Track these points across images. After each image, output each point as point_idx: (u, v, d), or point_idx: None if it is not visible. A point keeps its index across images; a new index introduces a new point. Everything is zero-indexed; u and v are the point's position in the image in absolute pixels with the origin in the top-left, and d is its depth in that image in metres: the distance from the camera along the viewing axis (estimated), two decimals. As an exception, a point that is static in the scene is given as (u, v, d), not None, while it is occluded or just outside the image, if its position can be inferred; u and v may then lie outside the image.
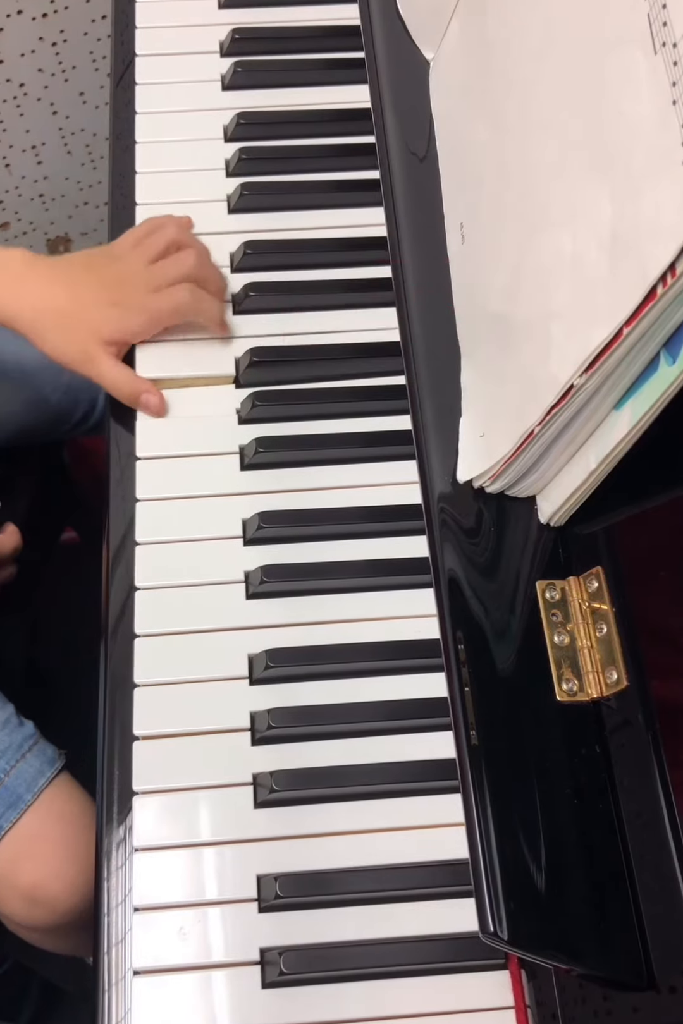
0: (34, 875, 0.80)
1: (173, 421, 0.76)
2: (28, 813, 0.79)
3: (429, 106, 0.80)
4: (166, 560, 0.72)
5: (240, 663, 0.69)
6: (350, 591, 0.71)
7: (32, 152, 1.50)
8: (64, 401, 0.95)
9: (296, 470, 0.75)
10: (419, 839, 0.64)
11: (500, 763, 0.60)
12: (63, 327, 0.75)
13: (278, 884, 0.62)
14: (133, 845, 0.64)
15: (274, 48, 0.90)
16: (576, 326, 0.57)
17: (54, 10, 1.33)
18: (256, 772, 0.66)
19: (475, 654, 0.63)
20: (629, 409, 0.57)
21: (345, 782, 0.66)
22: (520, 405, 0.62)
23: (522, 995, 0.61)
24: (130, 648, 0.69)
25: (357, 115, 0.86)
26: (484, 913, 0.57)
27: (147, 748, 0.67)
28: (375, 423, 0.76)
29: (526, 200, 0.64)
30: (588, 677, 0.61)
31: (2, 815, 0.78)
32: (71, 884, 0.79)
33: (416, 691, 0.68)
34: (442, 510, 0.68)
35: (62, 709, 0.94)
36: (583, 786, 0.60)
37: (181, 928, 0.62)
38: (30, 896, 0.80)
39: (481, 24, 0.73)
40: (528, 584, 0.64)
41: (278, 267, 0.81)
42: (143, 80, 0.89)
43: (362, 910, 0.63)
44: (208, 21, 0.92)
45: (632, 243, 0.53)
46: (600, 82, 0.58)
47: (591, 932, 0.57)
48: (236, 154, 0.85)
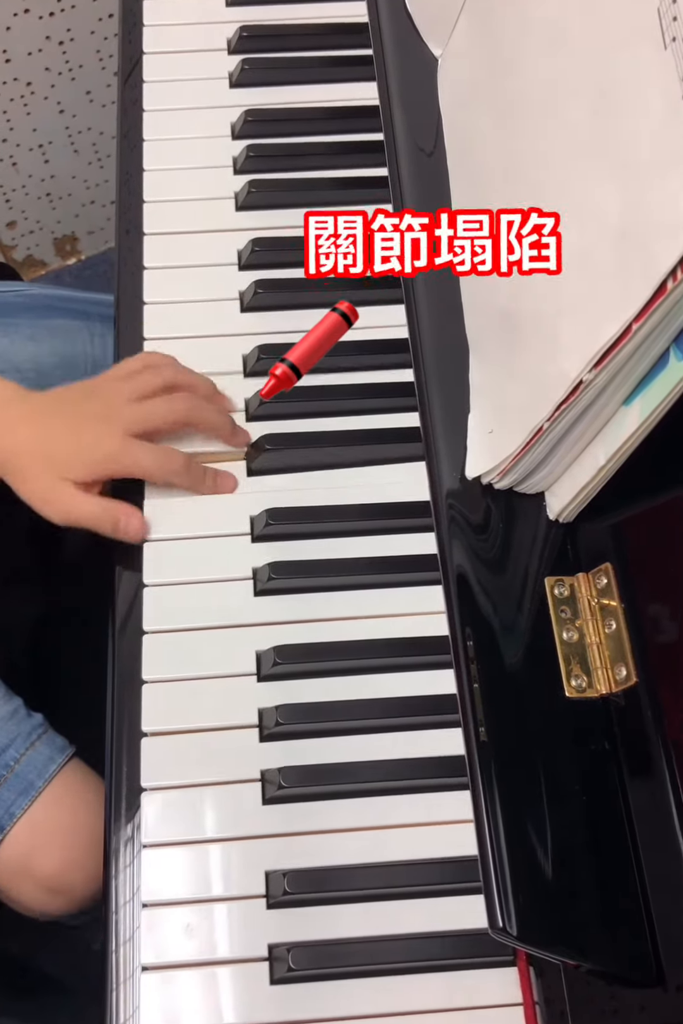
0: (53, 865, 0.79)
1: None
2: (40, 800, 0.79)
3: (437, 102, 0.80)
4: (174, 557, 0.72)
5: (248, 659, 0.69)
6: (358, 588, 0.71)
7: (39, 151, 1.50)
8: None
9: (303, 467, 0.74)
10: (428, 835, 0.64)
11: (509, 759, 0.60)
12: (30, 471, 0.71)
13: (286, 880, 0.62)
14: (141, 842, 0.64)
15: (282, 45, 0.90)
16: (585, 322, 0.57)
17: (61, 9, 1.33)
18: (264, 768, 0.66)
19: (484, 650, 0.63)
20: (638, 405, 0.57)
21: (353, 778, 0.65)
22: (529, 401, 0.62)
23: (530, 992, 0.61)
24: (138, 644, 0.69)
25: (365, 112, 0.86)
26: (493, 909, 0.57)
27: (155, 744, 0.67)
28: (383, 420, 0.76)
29: (534, 195, 0.64)
30: (597, 673, 0.61)
31: (14, 802, 0.78)
32: (90, 873, 0.79)
33: (425, 688, 0.67)
34: (451, 506, 0.68)
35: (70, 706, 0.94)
36: (592, 782, 0.59)
37: (189, 924, 0.62)
38: (49, 886, 0.80)
39: (489, 20, 0.73)
40: (537, 580, 0.64)
41: (286, 264, 0.81)
42: (151, 78, 0.89)
43: (371, 906, 0.63)
44: (216, 19, 0.92)
45: (641, 238, 0.53)
46: (609, 77, 0.58)
47: (600, 928, 0.57)
48: (244, 151, 0.85)
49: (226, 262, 0.82)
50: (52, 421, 0.73)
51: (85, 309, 0.97)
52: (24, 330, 0.92)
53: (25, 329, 0.92)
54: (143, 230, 0.83)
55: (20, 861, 0.80)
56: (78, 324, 0.95)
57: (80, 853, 0.80)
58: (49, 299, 0.97)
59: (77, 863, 0.80)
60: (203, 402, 0.73)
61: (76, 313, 0.96)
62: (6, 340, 0.91)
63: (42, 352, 0.92)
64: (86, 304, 0.98)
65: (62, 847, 0.80)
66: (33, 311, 0.95)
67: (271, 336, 0.78)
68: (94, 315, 0.97)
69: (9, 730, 0.80)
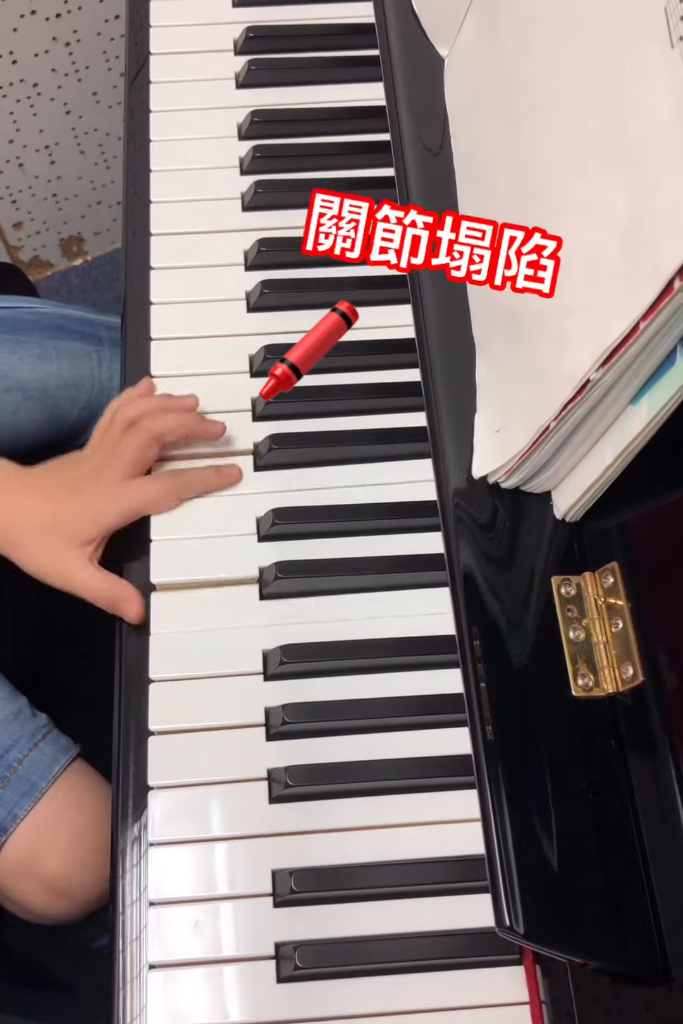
0: (56, 866, 0.79)
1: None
2: (44, 801, 0.79)
3: (444, 103, 0.80)
4: (181, 557, 0.72)
5: (255, 659, 0.69)
6: (365, 587, 0.71)
7: (45, 152, 1.51)
8: (83, 417, 0.95)
9: (310, 466, 0.75)
10: (434, 834, 0.64)
11: (516, 758, 0.60)
12: (34, 545, 0.73)
13: (293, 879, 0.62)
14: (149, 840, 0.64)
15: (288, 46, 0.90)
16: (592, 321, 0.57)
17: (67, 10, 1.34)
18: (271, 767, 0.66)
19: (490, 650, 0.63)
20: (646, 404, 0.57)
21: (359, 778, 0.66)
22: (536, 400, 0.62)
23: (537, 990, 0.61)
24: (145, 644, 0.69)
25: (371, 112, 0.87)
26: (500, 907, 0.57)
27: (162, 743, 0.67)
28: (390, 419, 0.76)
29: (541, 194, 0.64)
30: (604, 672, 0.61)
31: (17, 803, 0.78)
32: (95, 875, 0.79)
33: (431, 687, 0.68)
34: (457, 506, 0.68)
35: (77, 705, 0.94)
36: (598, 781, 0.59)
37: (196, 923, 0.62)
38: (53, 888, 0.80)
39: (496, 21, 0.73)
40: (543, 580, 0.64)
41: (292, 265, 0.81)
42: (157, 79, 0.89)
43: (377, 905, 0.63)
44: (222, 19, 0.92)
45: (648, 237, 0.53)
46: (616, 77, 0.58)
47: (606, 927, 0.57)
48: (250, 152, 0.85)
49: (232, 262, 0.82)
50: (50, 490, 0.74)
51: (96, 333, 0.97)
52: (33, 348, 0.92)
53: (34, 348, 0.92)
54: (150, 230, 0.83)
55: (24, 862, 0.80)
56: (88, 348, 0.95)
57: (84, 855, 0.80)
58: (61, 319, 0.97)
59: (81, 865, 0.80)
60: (161, 414, 0.74)
61: (87, 337, 0.97)
62: (14, 357, 0.92)
63: (49, 372, 0.92)
64: (99, 327, 0.98)
65: (66, 849, 0.80)
66: (44, 330, 0.95)
67: (277, 336, 0.79)
68: (105, 339, 0.97)
69: (13, 730, 0.80)
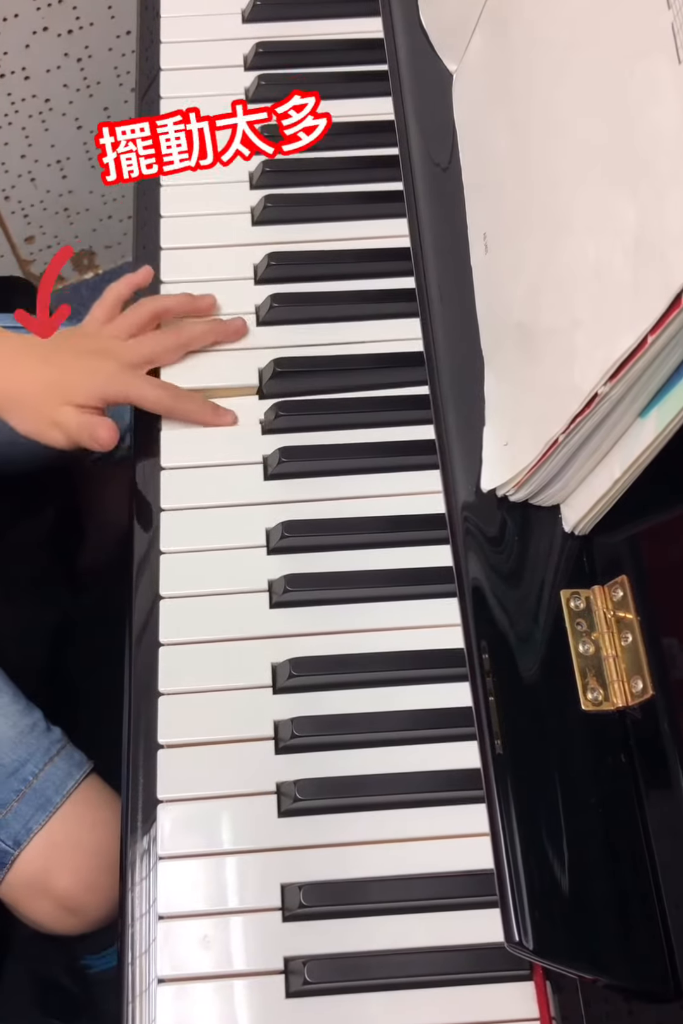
0: (69, 883, 0.79)
1: (197, 432, 0.76)
2: (57, 816, 0.79)
3: (452, 117, 0.80)
4: (190, 569, 0.72)
5: (264, 672, 0.69)
6: (373, 600, 0.71)
7: (57, 166, 1.52)
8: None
9: (320, 479, 0.75)
10: (443, 849, 0.64)
11: (525, 772, 0.60)
12: (32, 401, 0.73)
13: (302, 893, 0.62)
14: (158, 854, 0.64)
15: (298, 61, 0.91)
16: (600, 334, 0.57)
17: (79, 27, 1.35)
18: (280, 781, 0.66)
19: (499, 663, 0.63)
20: (654, 417, 0.57)
21: (369, 791, 0.65)
22: (544, 413, 0.62)
23: (547, 1006, 0.61)
24: (155, 656, 0.69)
25: (380, 127, 0.87)
26: (509, 923, 0.56)
27: (171, 756, 0.67)
28: (398, 433, 0.76)
29: (549, 209, 0.64)
30: (613, 686, 0.61)
31: (31, 817, 0.78)
32: (104, 894, 0.79)
33: (440, 701, 0.67)
34: (466, 519, 0.68)
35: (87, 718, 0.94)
36: (608, 795, 0.59)
37: (205, 936, 0.62)
38: (63, 905, 0.80)
39: (504, 36, 0.73)
40: (552, 593, 0.64)
41: (301, 278, 0.82)
42: (168, 94, 0.90)
43: (386, 920, 0.63)
44: (232, 35, 0.92)
45: (656, 250, 0.53)
46: (624, 91, 0.58)
47: (617, 942, 0.57)
48: (260, 166, 0.86)
49: (242, 276, 0.82)
50: (53, 355, 0.75)
51: None
52: None
53: None
54: (160, 244, 0.84)
55: (37, 876, 0.80)
56: None
57: (95, 874, 0.80)
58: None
59: (92, 883, 0.80)
60: (187, 323, 0.76)
61: None
62: None
63: None
64: None
65: (78, 865, 0.80)
66: None
67: (287, 350, 0.79)
68: None
69: (28, 744, 0.80)
